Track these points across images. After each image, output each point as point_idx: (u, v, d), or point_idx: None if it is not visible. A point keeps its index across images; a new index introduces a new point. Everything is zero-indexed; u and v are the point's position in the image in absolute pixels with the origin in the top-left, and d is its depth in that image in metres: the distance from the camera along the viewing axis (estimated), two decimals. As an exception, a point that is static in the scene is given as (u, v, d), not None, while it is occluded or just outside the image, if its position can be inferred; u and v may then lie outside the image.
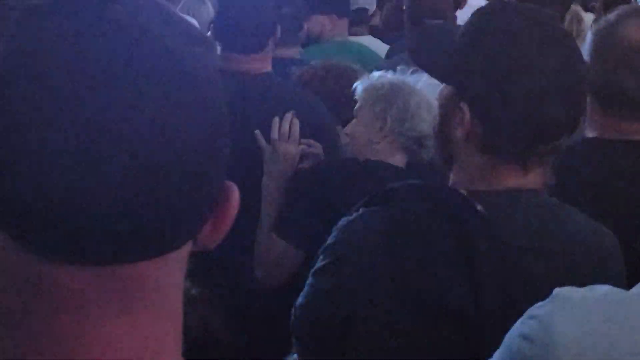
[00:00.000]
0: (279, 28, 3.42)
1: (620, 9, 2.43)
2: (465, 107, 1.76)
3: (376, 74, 2.99)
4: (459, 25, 1.93)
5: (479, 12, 1.84)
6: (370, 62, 4.45)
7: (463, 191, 1.76)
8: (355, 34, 5.28)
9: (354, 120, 2.94)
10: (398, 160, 2.87)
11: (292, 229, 2.85)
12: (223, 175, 0.84)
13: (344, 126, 3.34)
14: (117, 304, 0.81)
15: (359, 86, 2.93)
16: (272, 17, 3.42)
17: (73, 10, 0.79)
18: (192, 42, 0.81)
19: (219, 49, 3.30)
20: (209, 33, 3.49)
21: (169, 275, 0.84)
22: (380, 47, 5.16)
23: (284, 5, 3.77)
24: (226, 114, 0.84)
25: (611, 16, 2.39)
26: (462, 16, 4.97)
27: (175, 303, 0.87)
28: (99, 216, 0.75)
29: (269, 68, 3.38)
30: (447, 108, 1.83)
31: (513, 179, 1.79)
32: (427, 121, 2.79)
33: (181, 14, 0.87)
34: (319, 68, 3.75)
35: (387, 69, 3.10)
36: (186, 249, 0.85)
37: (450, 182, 1.86)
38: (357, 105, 2.91)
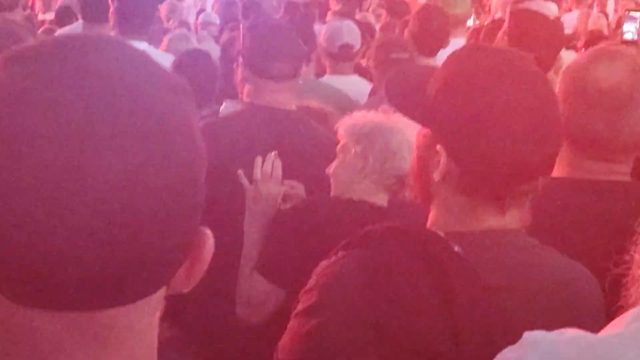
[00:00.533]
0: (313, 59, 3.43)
1: (592, 51, 2.46)
2: (441, 149, 1.77)
3: (357, 113, 3.01)
4: (435, 67, 1.94)
5: (454, 55, 1.86)
6: (339, 102, 4.48)
7: (441, 233, 1.77)
8: (342, 72, 5.31)
9: (336, 160, 2.95)
10: (380, 199, 2.88)
11: (274, 267, 2.86)
12: (197, 221, 0.84)
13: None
14: (91, 348, 0.82)
15: (341, 125, 2.95)
16: (303, 47, 3.44)
17: (53, 58, 0.80)
18: (170, 90, 0.82)
19: (248, 77, 3.29)
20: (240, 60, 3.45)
21: (142, 319, 0.85)
22: (366, 87, 5.19)
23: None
24: (202, 162, 0.84)
25: (582, 58, 2.42)
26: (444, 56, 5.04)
27: (149, 345, 0.88)
28: (72, 266, 0.75)
29: (293, 105, 3.38)
30: (424, 150, 1.85)
31: (491, 220, 1.80)
32: (408, 160, 2.80)
33: (161, 66, 0.87)
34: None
35: (368, 108, 3.12)
36: (160, 293, 0.85)
37: (429, 222, 1.87)
38: (339, 145, 2.93)
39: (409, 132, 2.82)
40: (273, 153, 3.01)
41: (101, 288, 0.78)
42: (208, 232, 0.87)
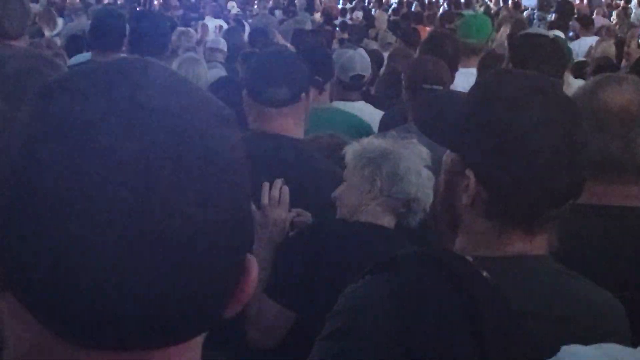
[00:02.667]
0: (311, 89, 3.42)
1: (597, 78, 2.47)
2: (470, 173, 1.77)
3: (366, 139, 3.03)
4: (464, 93, 1.95)
5: (483, 80, 1.87)
6: (359, 128, 4.50)
7: (469, 257, 1.76)
8: (349, 98, 5.33)
9: (344, 184, 2.96)
10: (387, 222, 2.90)
11: (284, 291, 2.86)
12: (246, 250, 0.84)
13: None
14: None
15: (348, 150, 2.97)
16: (306, 72, 3.41)
17: (103, 92, 0.78)
18: (219, 122, 0.81)
19: (250, 104, 3.28)
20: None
21: (191, 354, 0.85)
22: (373, 113, 5.21)
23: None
24: (249, 192, 0.84)
25: (588, 84, 2.43)
26: (464, 79, 5.06)
27: None
28: (133, 305, 0.74)
29: (300, 133, 3.37)
30: (452, 174, 1.84)
31: (519, 245, 1.80)
32: (415, 185, 2.85)
33: (208, 93, 0.86)
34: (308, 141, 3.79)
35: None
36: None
37: (456, 247, 1.87)
38: (347, 168, 2.94)
39: (415, 156, 2.86)
40: (281, 180, 3.02)
41: (158, 327, 0.77)
42: (253, 259, 0.86)
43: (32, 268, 0.75)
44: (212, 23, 12.58)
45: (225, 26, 13.16)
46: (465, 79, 5.13)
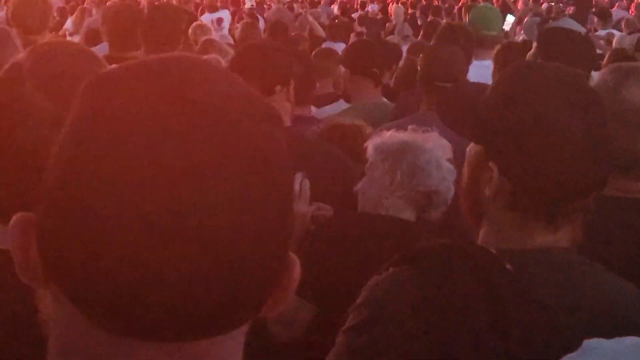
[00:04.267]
0: (292, 82, 3.45)
1: (615, 71, 2.46)
2: (493, 165, 1.77)
3: (386, 132, 3.03)
4: (487, 84, 1.95)
5: (508, 72, 1.86)
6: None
7: (492, 250, 1.77)
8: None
9: (364, 177, 2.97)
10: (408, 215, 2.90)
11: (304, 283, 2.86)
12: (287, 247, 0.84)
13: None
14: None
15: (369, 144, 2.97)
16: (284, 67, 3.47)
17: (148, 88, 0.78)
18: (264, 119, 0.81)
19: None
20: None
21: (233, 347, 0.85)
22: (389, 107, 5.21)
23: (295, 65, 3.81)
24: (293, 188, 0.84)
25: (607, 78, 2.41)
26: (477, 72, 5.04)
27: None
28: (175, 295, 0.75)
29: (287, 121, 3.40)
30: (476, 166, 1.85)
31: (542, 237, 1.80)
32: (436, 177, 2.85)
33: (251, 88, 0.85)
34: (325, 130, 3.80)
35: (397, 128, 3.15)
36: (248, 322, 0.85)
37: (479, 240, 1.87)
38: (368, 162, 2.94)
39: (436, 149, 2.86)
40: (301, 173, 3.03)
41: (200, 317, 0.77)
42: (295, 257, 0.86)
43: (74, 260, 0.75)
44: (207, 17, 12.46)
45: (226, 19, 13.09)
46: (479, 71, 5.10)
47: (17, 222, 0.83)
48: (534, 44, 4.32)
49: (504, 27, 10.11)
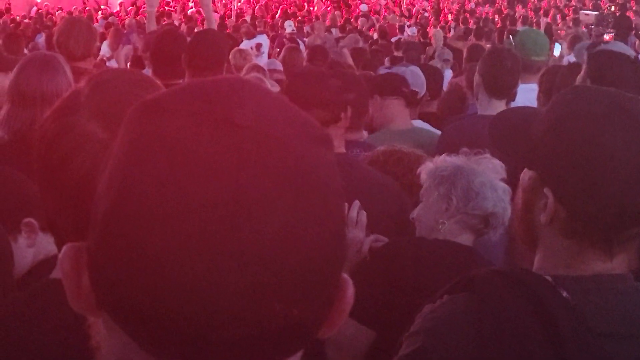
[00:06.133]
0: (349, 108, 3.47)
1: None
2: (548, 192, 1.75)
3: (438, 157, 3.02)
4: (541, 109, 1.92)
5: (562, 96, 1.84)
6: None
7: (548, 277, 1.74)
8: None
9: (420, 204, 2.96)
10: (465, 239, 2.89)
11: (362, 308, 2.85)
12: (340, 270, 0.83)
13: None
14: None
15: (423, 170, 2.97)
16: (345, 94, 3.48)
17: (197, 111, 0.77)
18: (314, 142, 0.80)
19: None
20: None
21: None
22: (430, 131, 5.19)
23: (349, 91, 3.82)
24: (344, 210, 0.83)
25: None
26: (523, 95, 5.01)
27: None
28: (232, 325, 0.74)
29: (342, 149, 3.40)
30: (530, 192, 1.83)
31: (598, 264, 1.77)
32: (491, 200, 2.84)
33: (301, 111, 0.85)
34: (380, 153, 3.80)
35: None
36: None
37: (535, 266, 1.85)
38: (423, 188, 2.94)
39: (489, 171, 2.85)
40: (358, 202, 3.03)
41: (256, 345, 0.76)
42: (348, 278, 0.85)
43: (126, 289, 0.75)
44: (246, 44, 12.52)
45: (265, 44, 13.12)
46: (525, 95, 5.08)
47: (68, 251, 0.83)
48: (583, 67, 4.29)
49: (554, 53, 10.09)
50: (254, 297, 0.74)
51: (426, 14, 23.12)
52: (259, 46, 12.29)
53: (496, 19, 22.22)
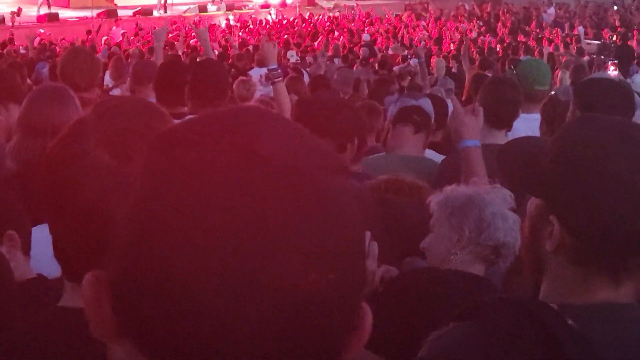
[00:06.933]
0: (356, 139, 3.46)
1: None
2: (554, 219, 1.76)
3: (448, 187, 3.03)
4: (546, 138, 1.93)
5: (568, 125, 1.85)
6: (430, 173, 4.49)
7: (554, 305, 1.74)
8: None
9: (430, 234, 2.96)
10: (477, 269, 2.89)
11: (378, 339, 2.83)
12: (360, 301, 0.83)
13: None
14: None
15: (433, 200, 2.97)
16: (352, 124, 3.46)
17: (217, 143, 0.77)
18: (335, 172, 0.80)
19: None
20: None
21: None
22: (439, 159, 5.19)
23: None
24: (364, 238, 0.84)
25: None
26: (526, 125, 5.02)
27: None
28: (250, 358, 0.74)
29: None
30: (536, 220, 1.83)
31: (605, 292, 1.77)
32: (502, 230, 2.84)
33: (319, 141, 0.85)
34: (382, 181, 3.80)
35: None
36: None
37: (540, 294, 1.85)
38: (433, 218, 2.94)
39: (500, 201, 2.85)
40: (369, 233, 3.03)
41: None
42: (367, 307, 0.85)
43: (148, 318, 0.75)
44: (256, 72, 12.52)
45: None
46: (527, 124, 5.09)
47: (90, 280, 0.83)
48: (571, 99, 4.31)
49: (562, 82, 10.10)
50: (274, 327, 0.74)
51: (423, 43, 23.15)
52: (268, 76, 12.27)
53: (498, 48, 22.27)
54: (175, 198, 0.75)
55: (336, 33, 27.52)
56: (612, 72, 13.11)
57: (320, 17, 31.29)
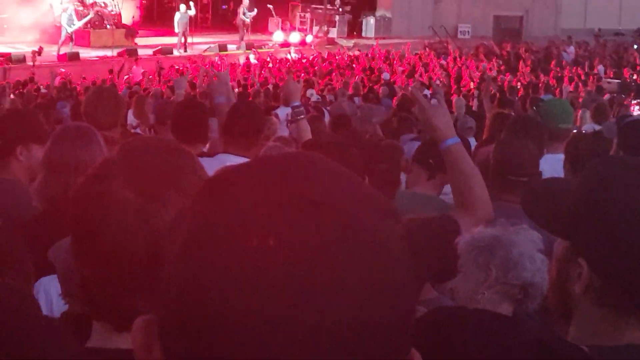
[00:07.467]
0: (366, 178, 3.47)
1: None
2: (583, 262, 1.75)
3: (476, 228, 3.04)
4: (572, 179, 1.93)
5: (594, 166, 1.85)
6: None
7: (584, 347, 1.73)
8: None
9: (459, 274, 2.96)
10: (504, 309, 2.89)
11: None
12: (411, 344, 0.83)
13: (430, 280, 3.37)
14: None
15: (460, 240, 2.97)
16: (358, 167, 3.51)
17: (268, 188, 0.78)
18: (384, 215, 0.81)
19: None
20: None
21: None
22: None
23: (377, 161, 3.84)
24: (413, 280, 0.83)
25: None
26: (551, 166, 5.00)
27: None
28: None
29: None
30: (564, 262, 1.83)
31: (634, 333, 1.76)
32: (530, 270, 2.84)
33: (367, 185, 0.86)
34: (406, 220, 3.79)
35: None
36: None
37: (570, 336, 1.84)
38: (460, 258, 2.94)
39: (527, 242, 2.85)
40: None
41: None
42: (417, 353, 0.86)
43: None
44: (283, 111, 12.50)
45: None
46: (552, 165, 5.08)
47: (140, 325, 0.84)
48: (615, 139, 4.29)
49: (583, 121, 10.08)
50: None
51: (439, 82, 23.11)
52: (276, 116, 12.26)
53: (518, 86, 22.26)
54: (225, 244, 0.76)
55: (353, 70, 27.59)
56: (638, 111, 13.09)
57: (340, 56, 31.36)
